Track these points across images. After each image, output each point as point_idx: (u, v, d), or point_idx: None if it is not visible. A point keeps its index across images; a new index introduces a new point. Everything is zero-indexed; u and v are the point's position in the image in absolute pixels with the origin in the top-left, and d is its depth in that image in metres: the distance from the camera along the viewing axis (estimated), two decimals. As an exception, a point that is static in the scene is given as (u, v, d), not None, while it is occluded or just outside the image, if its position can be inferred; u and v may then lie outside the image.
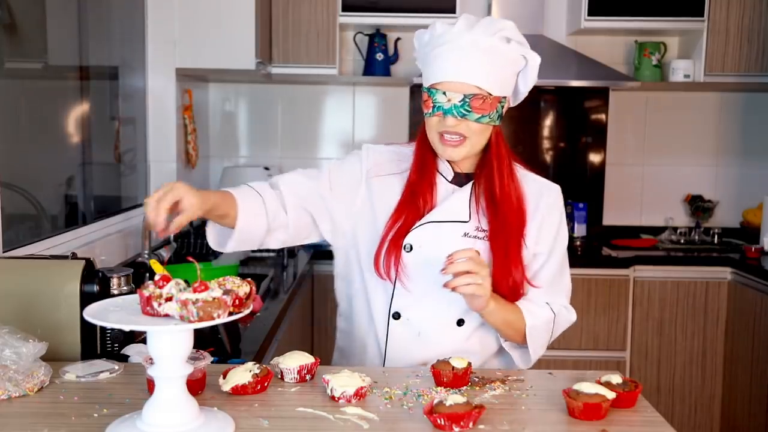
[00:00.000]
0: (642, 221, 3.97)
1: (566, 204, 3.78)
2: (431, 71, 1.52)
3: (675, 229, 3.86)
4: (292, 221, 1.59)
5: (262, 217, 1.55)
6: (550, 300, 1.62)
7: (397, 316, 1.58)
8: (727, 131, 3.93)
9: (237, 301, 1.14)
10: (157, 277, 1.16)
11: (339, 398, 1.28)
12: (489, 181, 1.57)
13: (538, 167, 3.91)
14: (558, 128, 3.91)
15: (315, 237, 1.65)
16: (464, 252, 1.43)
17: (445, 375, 1.36)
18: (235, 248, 1.55)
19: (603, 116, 3.88)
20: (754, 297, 3.17)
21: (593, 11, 3.50)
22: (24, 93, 2.13)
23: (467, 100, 1.47)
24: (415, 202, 1.57)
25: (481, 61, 1.48)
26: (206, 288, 1.11)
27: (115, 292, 1.67)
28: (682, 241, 3.79)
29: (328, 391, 1.29)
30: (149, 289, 1.14)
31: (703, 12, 3.49)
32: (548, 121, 3.91)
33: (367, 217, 1.61)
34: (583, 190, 3.90)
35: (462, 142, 1.51)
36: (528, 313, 1.56)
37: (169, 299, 1.12)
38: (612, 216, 3.94)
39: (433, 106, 1.51)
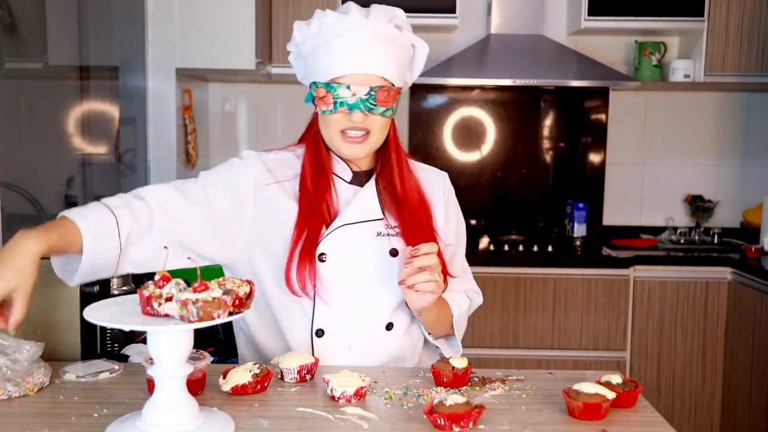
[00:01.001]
0: (642, 221, 3.97)
1: (566, 204, 3.81)
2: (328, 64, 1.41)
3: (675, 229, 3.86)
4: (155, 238, 1.38)
5: (113, 238, 1.34)
6: (466, 287, 1.62)
7: (320, 333, 1.48)
8: (727, 131, 3.93)
9: (237, 301, 1.14)
10: (157, 277, 1.16)
11: (339, 398, 1.28)
12: (391, 176, 1.51)
13: (538, 167, 3.94)
14: (558, 128, 3.91)
15: (179, 262, 1.42)
16: (428, 247, 1.37)
17: (445, 375, 1.36)
18: (82, 281, 1.36)
19: (603, 116, 3.88)
20: (754, 297, 3.17)
21: (593, 11, 3.50)
22: (24, 93, 2.13)
23: (373, 93, 1.40)
24: (317, 209, 1.46)
25: (384, 50, 1.41)
26: (206, 288, 1.11)
27: (115, 292, 1.67)
28: (682, 241, 3.79)
29: (328, 391, 1.29)
30: (149, 289, 1.14)
31: (703, 12, 3.49)
32: (548, 121, 3.90)
33: (261, 234, 1.48)
34: (583, 190, 3.90)
35: (366, 138, 1.44)
36: (452, 303, 1.54)
37: (169, 299, 1.12)
38: (612, 216, 3.94)
39: (335, 102, 1.41)
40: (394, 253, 1.49)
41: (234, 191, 1.48)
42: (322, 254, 1.46)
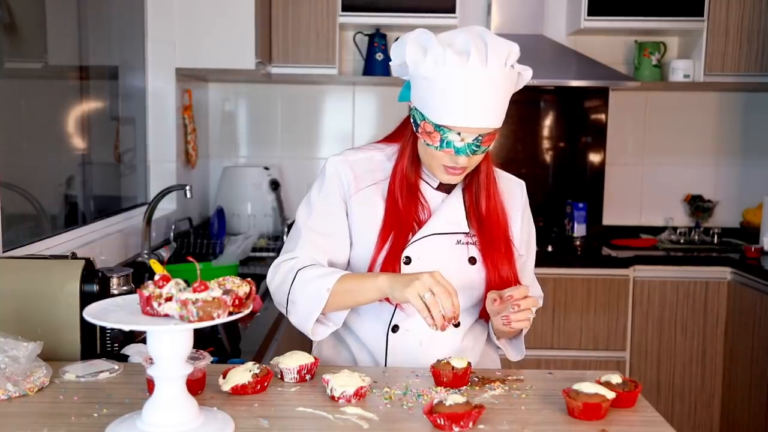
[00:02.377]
0: (642, 221, 3.97)
1: (566, 204, 3.81)
2: (442, 109, 1.41)
3: (675, 229, 3.86)
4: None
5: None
6: (533, 294, 1.63)
7: (395, 329, 1.55)
8: (726, 131, 3.93)
9: (237, 301, 1.14)
10: (156, 277, 1.16)
11: (339, 398, 1.28)
12: (478, 194, 1.57)
13: (538, 167, 3.94)
14: (558, 128, 3.91)
15: None
16: (520, 290, 1.43)
17: (445, 375, 1.37)
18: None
19: (603, 116, 3.88)
20: (753, 297, 3.17)
21: (593, 11, 3.50)
22: (24, 93, 2.13)
23: (480, 137, 1.44)
24: (405, 218, 1.52)
25: (497, 99, 1.42)
26: (206, 288, 1.11)
27: (115, 291, 1.68)
28: (681, 241, 3.79)
29: (328, 391, 1.29)
30: (149, 288, 1.14)
31: (702, 12, 3.49)
32: (548, 121, 3.90)
33: (355, 236, 1.56)
34: (582, 190, 3.89)
35: (464, 171, 1.51)
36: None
37: (168, 299, 1.12)
38: (612, 216, 3.94)
39: (442, 141, 1.43)
40: (472, 261, 1.55)
41: (337, 207, 1.56)
42: (407, 257, 1.52)
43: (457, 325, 1.57)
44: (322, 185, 1.58)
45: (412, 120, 1.51)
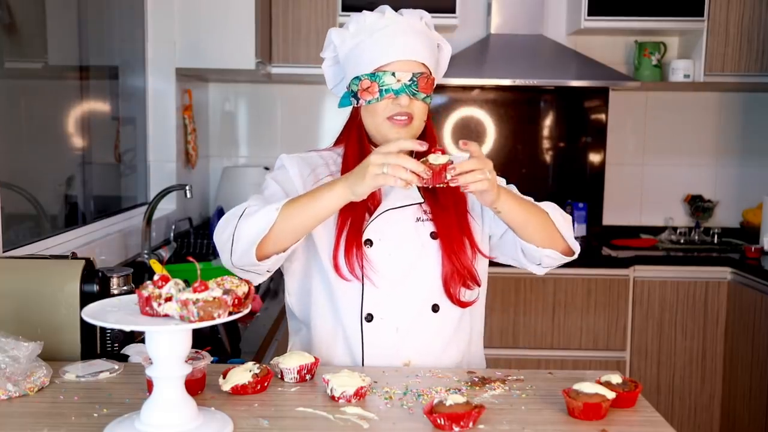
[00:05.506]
0: (642, 221, 3.97)
1: (566, 204, 3.81)
2: (373, 55, 1.51)
3: (675, 229, 3.86)
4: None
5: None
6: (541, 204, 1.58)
7: (369, 318, 1.53)
8: (726, 131, 3.93)
9: (236, 301, 1.14)
10: (156, 277, 1.16)
11: (339, 398, 1.28)
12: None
13: (538, 167, 3.94)
14: (558, 128, 3.91)
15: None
16: (472, 146, 1.37)
17: (426, 170, 1.32)
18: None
19: (603, 116, 3.88)
20: (753, 297, 3.17)
21: (593, 11, 3.50)
22: (24, 93, 2.13)
23: (415, 79, 1.49)
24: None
25: (420, 41, 1.53)
26: (206, 288, 1.11)
27: (115, 291, 1.68)
28: (681, 241, 3.79)
29: (328, 391, 1.29)
30: (148, 289, 1.14)
31: (702, 12, 3.49)
32: (548, 121, 3.90)
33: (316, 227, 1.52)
34: (582, 190, 3.89)
35: (410, 122, 1.51)
36: (541, 204, 1.52)
37: (168, 299, 1.12)
38: (612, 216, 3.94)
39: (381, 90, 1.49)
40: (434, 236, 1.55)
41: (292, 190, 1.54)
42: (368, 240, 1.52)
43: (435, 309, 1.54)
44: (278, 172, 1.58)
45: (352, 97, 1.55)
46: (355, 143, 1.57)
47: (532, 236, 1.50)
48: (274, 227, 1.36)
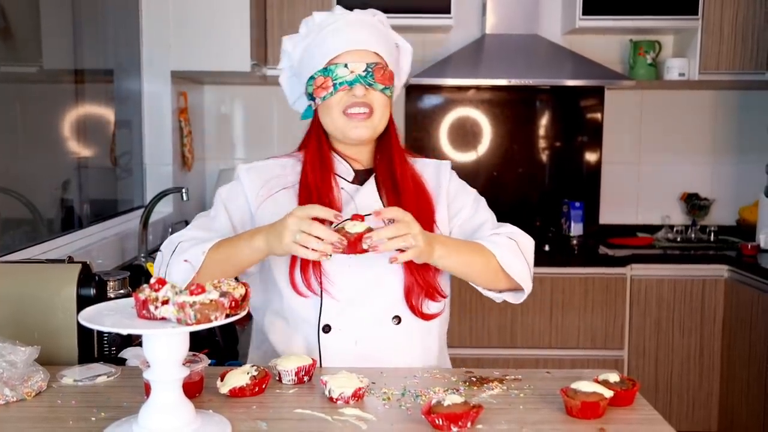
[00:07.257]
0: (638, 220, 3.98)
1: (563, 203, 3.82)
2: (323, 49, 1.48)
3: (671, 227, 3.87)
4: None
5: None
6: (498, 232, 1.55)
7: (327, 329, 1.49)
8: (722, 129, 3.94)
9: (233, 303, 1.14)
10: (152, 280, 1.15)
11: (337, 399, 1.28)
12: (389, 167, 1.53)
13: (535, 167, 3.94)
14: (554, 127, 3.91)
15: None
16: (389, 212, 1.34)
17: (341, 241, 1.30)
18: None
19: (598, 115, 3.89)
20: (750, 294, 3.17)
21: (588, 10, 3.51)
22: (19, 97, 2.13)
23: (370, 69, 1.47)
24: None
25: (372, 33, 1.50)
26: (203, 290, 1.11)
27: (112, 295, 1.67)
28: (678, 239, 3.80)
29: (326, 393, 1.29)
30: (145, 292, 1.14)
31: (697, 10, 3.49)
32: (544, 121, 3.91)
33: None
34: (579, 189, 3.90)
35: (369, 115, 1.48)
36: (489, 243, 1.48)
37: (165, 302, 1.11)
38: (608, 215, 3.95)
39: (335, 83, 1.47)
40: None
41: (243, 210, 1.53)
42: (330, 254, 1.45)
43: (397, 321, 1.51)
44: (231, 185, 1.56)
45: (307, 95, 1.54)
46: (315, 148, 1.54)
47: (476, 281, 1.51)
48: (201, 270, 1.38)
